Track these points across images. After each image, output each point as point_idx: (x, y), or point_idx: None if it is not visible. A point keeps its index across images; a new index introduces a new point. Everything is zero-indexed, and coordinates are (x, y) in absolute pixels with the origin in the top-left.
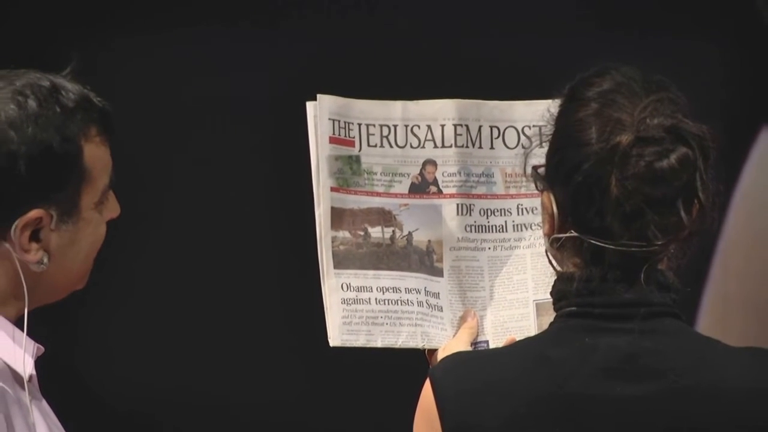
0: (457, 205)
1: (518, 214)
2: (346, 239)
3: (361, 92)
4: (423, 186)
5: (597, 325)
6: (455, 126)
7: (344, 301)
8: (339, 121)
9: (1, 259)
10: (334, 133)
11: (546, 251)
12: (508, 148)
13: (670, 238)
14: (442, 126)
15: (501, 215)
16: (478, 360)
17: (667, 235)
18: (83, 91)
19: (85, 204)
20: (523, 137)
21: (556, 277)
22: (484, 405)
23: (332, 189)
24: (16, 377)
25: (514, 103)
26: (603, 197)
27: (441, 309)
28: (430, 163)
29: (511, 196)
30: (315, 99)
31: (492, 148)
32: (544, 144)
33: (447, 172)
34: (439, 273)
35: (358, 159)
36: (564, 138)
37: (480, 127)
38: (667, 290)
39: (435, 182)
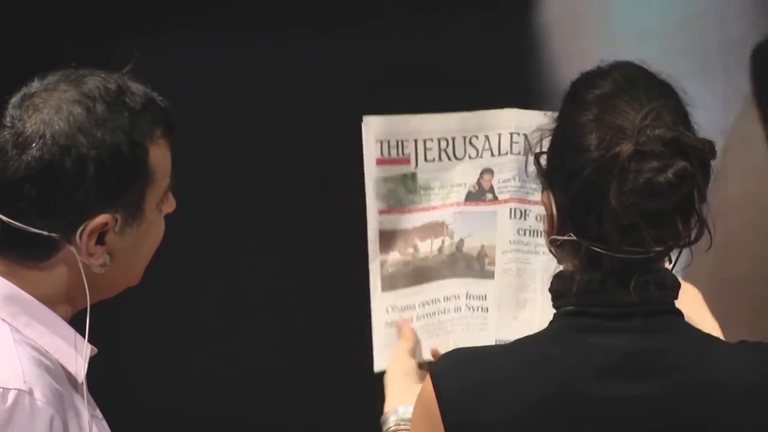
0: (511, 209)
1: None
2: (396, 260)
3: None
4: (479, 194)
5: (597, 324)
6: (512, 134)
7: (387, 325)
8: (389, 141)
9: (65, 262)
10: (382, 155)
11: (547, 247)
12: None
13: (667, 247)
14: (500, 135)
15: None
16: (479, 357)
17: (664, 244)
18: (147, 92)
19: (148, 206)
20: None
21: (555, 275)
22: (485, 403)
23: (381, 212)
24: (70, 379)
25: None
26: (601, 206)
27: (486, 310)
28: (488, 171)
29: None
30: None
31: None
32: (545, 141)
33: (503, 179)
34: (490, 275)
35: (413, 176)
36: (564, 141)
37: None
38: (666, 289)
39: (491, 190)
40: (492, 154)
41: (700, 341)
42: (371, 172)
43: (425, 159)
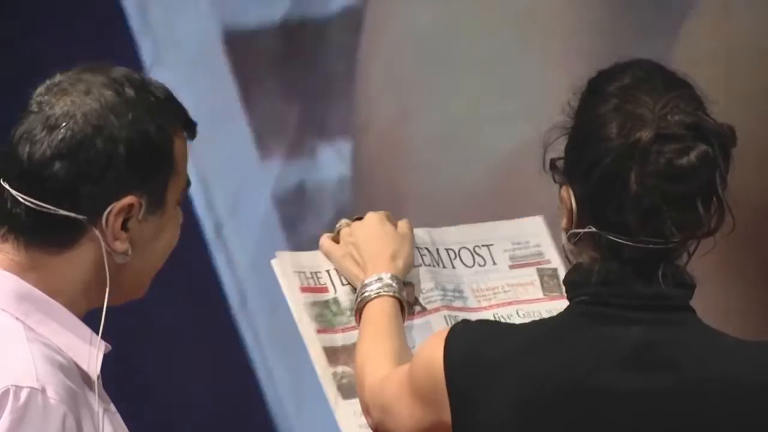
0: (445, 316)
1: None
2: (347, 372)
3: None
4: (408, 309)
5: (613, 314)
6: (417, 248)
7: (361, 426)
8: (305, 272)
9: (88, 250)
10: (302, 284)
11: (563, 246)
12: (467, 266)
13: (687, 235)
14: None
15: None
16: (493, 332)
17: (685, 232)
18: (168, 89)
19: (170, 198)
20: (477, 257)
21: (571, 266)
22: (494, 382)
23: (319, 331)
24: (84, 376)
25: (463, 227)
26: (622, 193)
27: None
28: (408, 284)
29: (485, 308)
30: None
31: (454, 267)
32: (564, 137)
33: (425, 288)
34: None
35: (336, 300)
36: (584, 133)
37: (437, 249)
38: (683, 287)
39: (417, 302)
40: None
41: (714, 338)
42: (299, 299)
43: (342, 283)
